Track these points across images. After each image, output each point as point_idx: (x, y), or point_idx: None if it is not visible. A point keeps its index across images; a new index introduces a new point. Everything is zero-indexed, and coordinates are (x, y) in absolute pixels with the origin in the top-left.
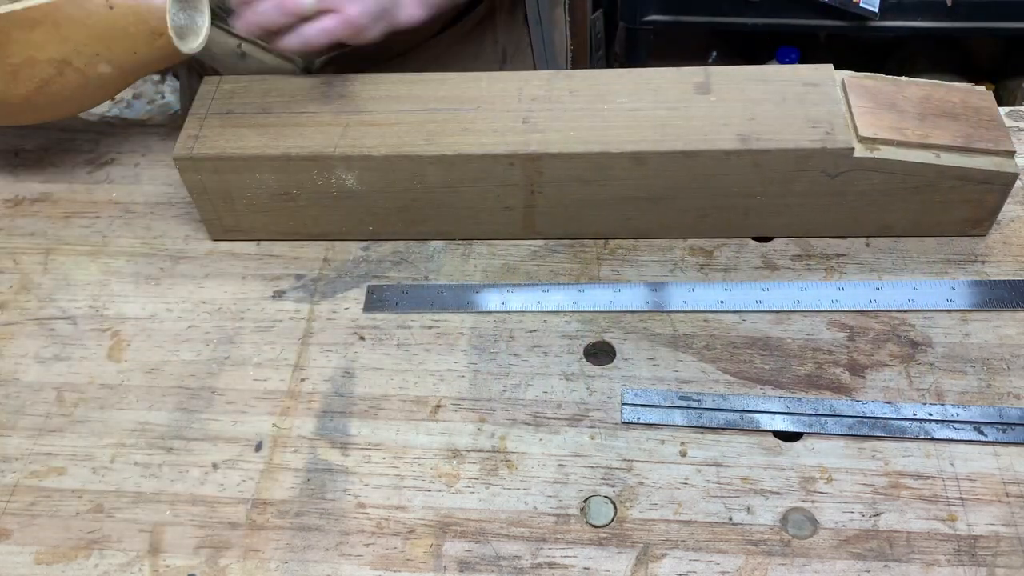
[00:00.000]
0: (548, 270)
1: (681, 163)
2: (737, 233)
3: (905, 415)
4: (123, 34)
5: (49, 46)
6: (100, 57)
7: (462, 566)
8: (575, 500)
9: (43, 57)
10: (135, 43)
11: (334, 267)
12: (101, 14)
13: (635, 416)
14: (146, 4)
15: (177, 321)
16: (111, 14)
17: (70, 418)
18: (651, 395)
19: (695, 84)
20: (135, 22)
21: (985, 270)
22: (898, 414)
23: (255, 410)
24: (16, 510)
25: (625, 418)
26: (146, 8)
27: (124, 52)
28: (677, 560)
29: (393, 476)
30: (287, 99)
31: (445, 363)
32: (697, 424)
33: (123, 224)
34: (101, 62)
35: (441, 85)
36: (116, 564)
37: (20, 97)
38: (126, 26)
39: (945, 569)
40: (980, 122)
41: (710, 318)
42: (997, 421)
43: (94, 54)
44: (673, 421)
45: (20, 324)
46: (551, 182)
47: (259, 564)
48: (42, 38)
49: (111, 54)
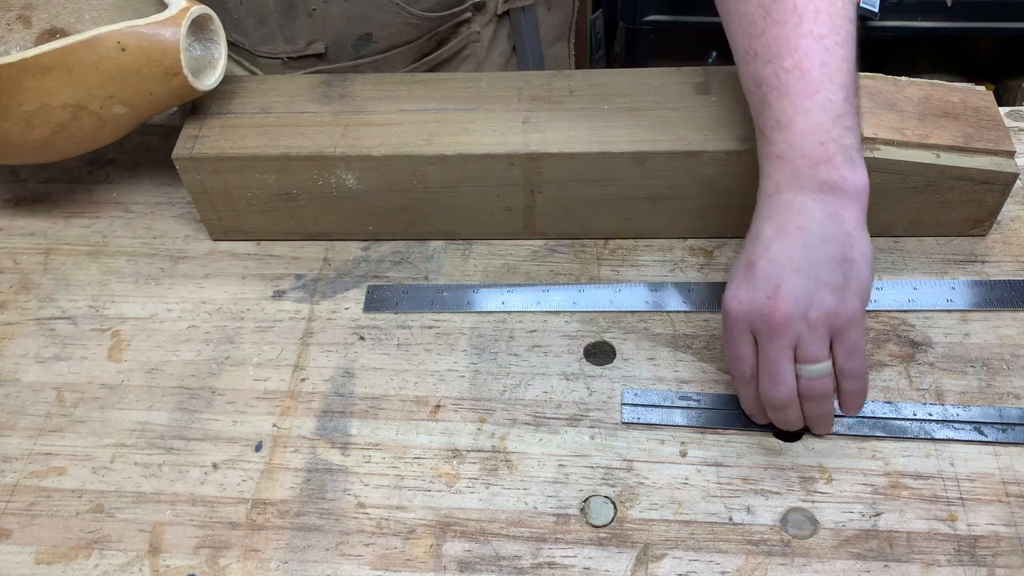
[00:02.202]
0: (548, 270)
1: (681, 163)
2: (737, 233)
3: (905, 415)
4: (137, 76)
5: (62, 91)
6: (115, 99)
7: (462, 566)
8: (575, 500)
9: (57, 103)
10: (149, 84)
11: (334, 267)
12: (113, 57)
13: (635, 416)
14: (159, 45)
15: (177, 321)
16: (123, 56)
17: (70, 418)
18: (651, 395)
19: (695, 84)
20: (148, 63)
21: (985, 270)
22: (898, 414)
23: (255, 410)
24: (16, 510)
25: (625, 418)
26: (159, 49)
27: (139, 94)
28: (677, 560)
29: (393, 476)
30: (287, 99)
31: (445, 363)
32: (697, 424)
33: (123, 224)
34: (116, 104)
35: (441, 85)
36: (116, 564)
37: (36, 142)
38: (139, 68)
39: (945, 569)
40: (980, 122)
41: (710, 318)
42: (997, 421)
43: (108, 96)
44: (673, 421)
45: (20, 324)
46: (551, 182)
47: (259, 564)
48: (55, 84)
49: (125, 96)
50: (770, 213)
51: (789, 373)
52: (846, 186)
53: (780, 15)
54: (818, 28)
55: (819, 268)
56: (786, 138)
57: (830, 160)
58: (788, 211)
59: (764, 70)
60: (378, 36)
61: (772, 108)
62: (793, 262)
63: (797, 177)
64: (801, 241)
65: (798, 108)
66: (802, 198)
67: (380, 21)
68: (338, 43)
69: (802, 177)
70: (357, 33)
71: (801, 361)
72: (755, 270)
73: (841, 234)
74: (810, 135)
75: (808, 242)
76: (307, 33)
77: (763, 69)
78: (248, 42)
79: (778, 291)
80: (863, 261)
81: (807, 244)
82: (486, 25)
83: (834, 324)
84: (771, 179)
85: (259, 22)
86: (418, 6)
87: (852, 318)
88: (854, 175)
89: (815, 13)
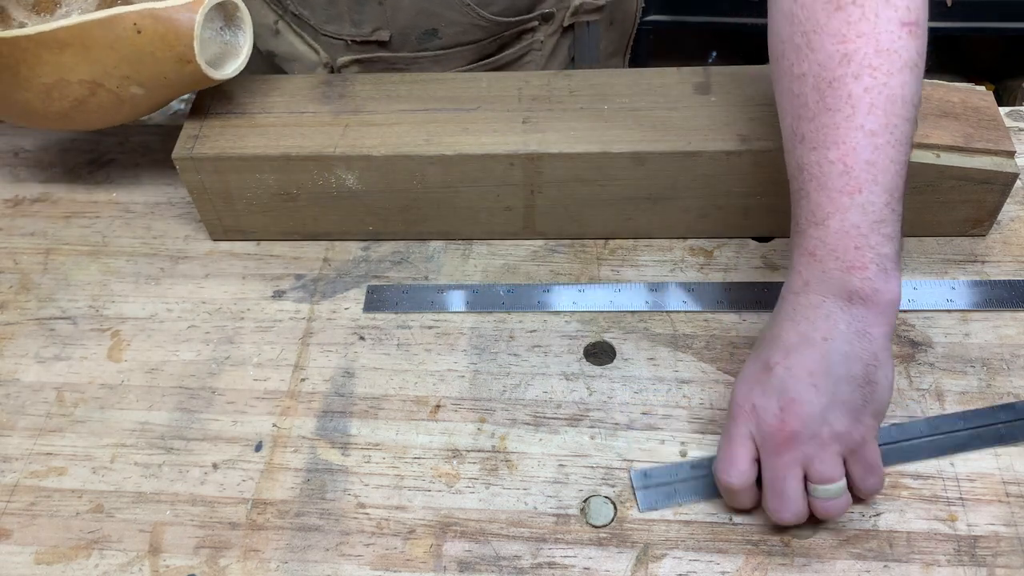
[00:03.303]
0: (548, 270)
1: (681, 163)
2: (737, 233)
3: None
4: (152, 59)
5: (80, 68)
6: (131, 80)
7: (462, 566)
8: (575, 500)
9: (74, 79)
10: (163, 68)
11: (334, 267)
12: (129, 38)
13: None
14: (174, 30)
15: (177, 321)
16: (139, 39)
17: (70, 418)
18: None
19: (695, 84)
20: (162, 47)
21: (985, 270)
22: (904, 435)
23: (255, 410)
24: (16, 510)
25: (642, 507)
26: (174, 34)
27: (153, 76)
28: (677, 560)
29: (393, 476)
30: (287, 99)
31: (445, 363)
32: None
33: (123, 224)
34: (132, 84)
35: (441, 85)
36: (116, 564)
37: (56, 113)
38: (153, 51)
39: (945, 569)
40: (980, 122)
41: (710, 318)
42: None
43: (124, 76)
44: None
45: (20, 324)
46: (551, 182)
47: (259, 564)
48: (72, 60)
49: (141, 78)
50: (794, 314)
51: (796, 491)
52: (878, 299)
53: (833, 102)
54: (871, 123)
55: (839, 387)
56: (820, 235)
57: (864, 268)
58: (813, 316)
59: (808, 157)
60: (443, 33)
61: (810, 199)
62: (812, 376)
63: (827, 280)
64: (823, 354)
65: (836, 205)
66: (830, 304)
67: (448, 18)
68: (403, 34)
69: (832, 281)
70: (424, 27)
71: (814, 480)
72: (771, 376)
73: (867, 353)
74: (845, 237)
75: (831, 357)
76: (375, 20)
77: (807, 155)
78: (314, 19)
79: (791, 405)
80: (885, 384)
81: (829, 359)
82: (550, 35)
83: (847, 444)
84: (800, 275)
85: (329, 2)
86: (489, 9)
87: (866, 437)
88: (887, 288)
89: (870, 106)
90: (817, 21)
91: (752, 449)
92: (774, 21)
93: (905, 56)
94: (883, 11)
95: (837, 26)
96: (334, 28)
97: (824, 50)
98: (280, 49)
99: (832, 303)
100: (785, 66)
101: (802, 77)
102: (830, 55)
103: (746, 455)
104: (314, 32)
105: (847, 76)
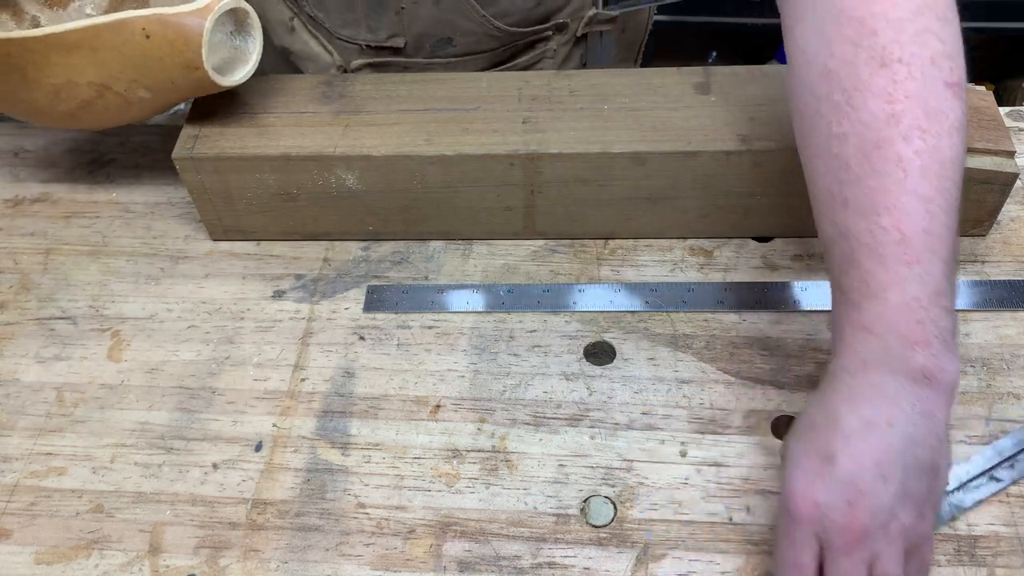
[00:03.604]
0: (548, 270)
1: (681, 163)
2: (737, 233)
3: None
4: (159, 64)
5: (87, 70)
6: (138, 84)
7: (462, 566)
8: (575, 500)
9: (82, 80)
10: (171, 74)
11: (334, 267)
12: (137, 42)
13: None
14: (182, 36)
15: (177, 321)
16: (147, 43)
17: (70, 418)
18: None
19: (695, 84)
20: (171, 53)
21: (985, 270)
22: None
23: (255, 410)
24: (16, 510)
25: None
26: (182, 40)
27: (161, 81)
28: (677, 560)
29: (393, 476)
30: (287, 99)
31: (445, 363)
32: None
33: (123, 224)
34: (140, 88)
35: (441, 85)
36: (116, 564)
37: (64, 113)
38: (162, 57)
39: (945, 569)
40: (980, 122)
41: (710, 318)
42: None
43: (132, 80)
44: None
45: (20, 324)
46: (551, 182)
47: (259, 564)
48: (80, 62)
49: (149, 82)
50: (853, 395)
51: None
52: (943, 378)
53: (882, 165)
54: (924, 188)
55: (907, 476)
56: (879, 309)
57: (928, 344)
58: (876, 398)
59: (855, 223)
60: (458, 42)
61: (861, 268)
62: (880, 466)
63: (888, 358)
64: (890, 441)
65: (894, 277)
66: (893, 385)
67: (464, 28)
68: (418, 41)
69: (894, 359)
70: (439, 36)
71: None
72: (834, 467)
73: (933, 438)
74: (907, 311)
75: (897, 444)
76: (390, 27)
77: (854, 222)
78: (329, 22)
79: (861, 499)
80: (945, 472)
81: (896, 446)
82: (563, 44)
83: (911, 539)
84: (855, 353)
85: (346, 8)
86: (505, 20)
87: (927, 534)
88: (952, 366)
89: (922, 170)
90: (859, 78)
91: (817, 551)
92: (803, 76)
93: (952, 117)
94: (929, 70)
95: (883, 85)
96: (349, 32)
97: (868, 109)
98: (295, 47)
99: (895, 383)
100: (821, 125)
101: (842, 137)
102: (875, 115)
103: (813, 562)
104: (328, 35)
105: (896, 138)
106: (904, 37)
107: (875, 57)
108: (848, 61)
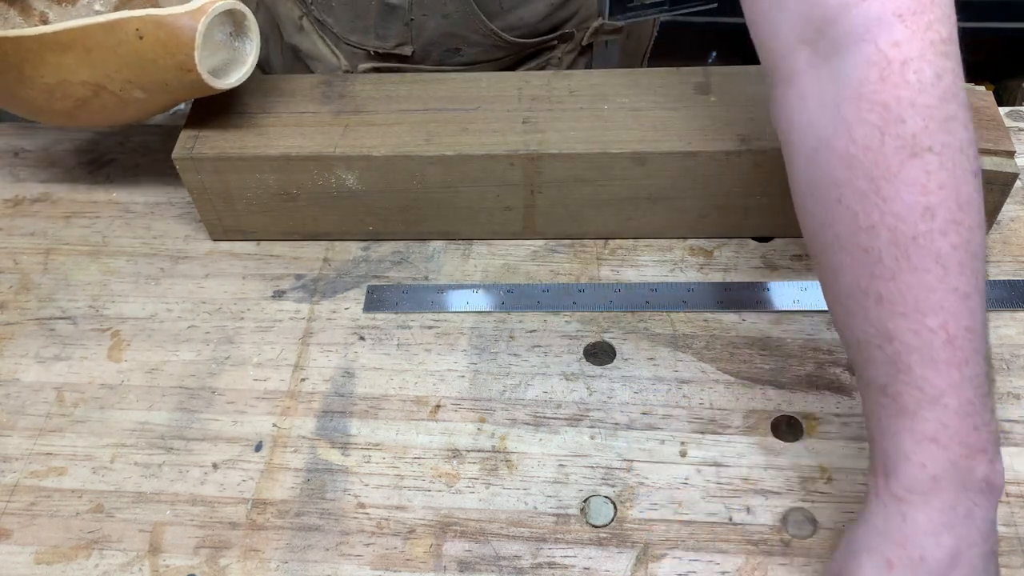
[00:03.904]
0: (548, 270)
1: (681, 163)
2: (737, 233)
3: None
4: (153, 66)
5: (81, 70)
6: (133, 84)
7: (462, 566)
8: (575, 500)
9: (77, 80)
10: (165, 75)
11: (334, 267)
12: (131, 43)
13: None
14: (175, 38)
15: (177, 321)
16: (140, 44)
17: (70, 418)
18: None
19: (695, 84)
20: (164, 55)
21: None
22: None
23: (255, 410)
24: (16, 510)
25: None
26: (175, 42)
27: (155, 82)
28: (677, 560)
29: (393, 476)
30: (287, 99)
31: (445, 363)
32: None
33: (123, 224)
34: (135, 89)
35: (441, 85)
36: (116, 564)
37: (60, 112)
38: (155, 58)
39: None
40: (980, 122)
41: (710, 318)
42: None
43: (126, 80)
44: None
45: (20, 324)
46: (551, 182)
47: (259, 564)
48: (74, 62)
49: (143, 83)
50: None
51: None
52: (998, 482)
53: (920, 260)
54: (963, 284)
55: None
56: (942, 417)
57: (984, 451)
58: (955, 523)
59: (897, 323)
60: (466, 51)
61: (914, 373)
62: None
63: (956, 471)
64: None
65: (949, 381)
66: (965, 504)
67: (472, 40)
68: (426, 49)
69: (960, 471)
70: (447, 46)
71: None
72: None
73: (996, 547)
74: (966, 418)
75: (979, 565)
76: (399, 36)
77: (896, 321)
78: (338, 27)
79: None
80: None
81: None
82: (568, 52)
83: None
84: (923, 468)
85: (356, 16)
86: (513, 33)
87: None
88: (1002, 466)
89: (959, 266)
90: (888, 167)
91: None
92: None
93: (979, 208)
94: (959, 159)
95: (915, 175)
96: (358, 39)
97: (901, 201)
98: (303, 45)
99: (966, 499)
100: (844, 215)
101: (871, 230)
102: (910, 207)
103: None
104: (336, 39)
105: (934, 232)
106: (933, 125)
107: (905, 146)
108: (873, 148)
